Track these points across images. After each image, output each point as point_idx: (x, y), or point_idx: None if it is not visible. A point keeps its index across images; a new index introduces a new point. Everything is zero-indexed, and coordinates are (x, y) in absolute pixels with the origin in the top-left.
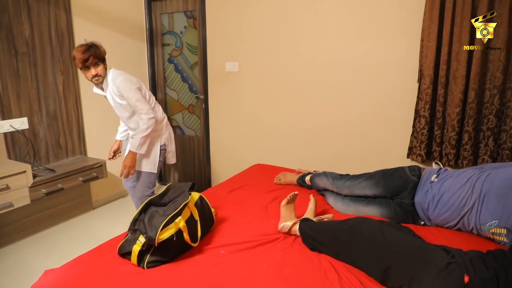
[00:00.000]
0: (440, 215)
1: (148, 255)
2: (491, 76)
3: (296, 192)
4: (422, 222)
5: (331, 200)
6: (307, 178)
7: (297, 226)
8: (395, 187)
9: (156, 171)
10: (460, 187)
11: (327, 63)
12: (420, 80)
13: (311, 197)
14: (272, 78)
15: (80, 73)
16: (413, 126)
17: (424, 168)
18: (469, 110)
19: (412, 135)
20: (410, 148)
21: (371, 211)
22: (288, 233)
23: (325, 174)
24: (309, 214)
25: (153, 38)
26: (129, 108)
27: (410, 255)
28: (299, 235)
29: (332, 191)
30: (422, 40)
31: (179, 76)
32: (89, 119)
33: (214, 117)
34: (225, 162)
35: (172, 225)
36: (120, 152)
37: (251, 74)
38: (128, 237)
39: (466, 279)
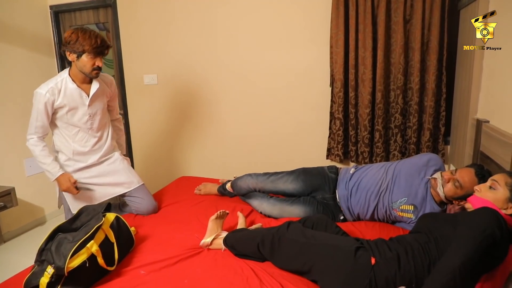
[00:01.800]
0: (361, 199)
1: (59, 286)
2: (394, 78)
3: (227, 211)
4: (342, 217)
5: (256, 202)
6: (228, 185)
7: (220, 240)
8: (313, 181)
9: None
10: (376, 172)
11: (246, 72)
12: (332, 84)
13: (239, 213)
14: (192, 89)
15: None
16: (330, 128)
17: (340, 168)
18: (377, 110)
19: (329, 136)
20: (328, 149)
21: (295, 210)
22: (212, 247)
23: (248, 174)
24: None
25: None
26: (107, 113)
27: (324, 244)
28: (223, 248)
29: (256, 195)
30: (331, 47)
31: None
32: None
33: (135, 131)
34: (151, 177)
35: (83, 250)
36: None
37: (170, 85)
38: (35, 270)
39: (373, 261)
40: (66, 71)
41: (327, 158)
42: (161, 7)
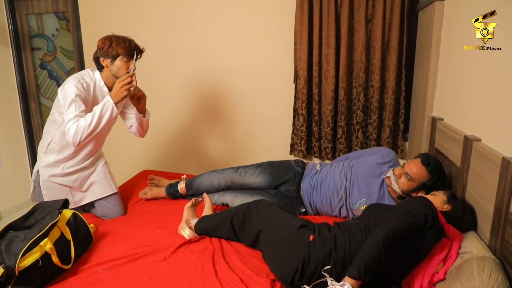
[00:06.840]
0: (323, 199)
1: (9, 287)
2: (356, 76)
3: (200, 199)
4: (303, 210)
5: (216, 195)
6: (181, 186)
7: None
8: (280, 174)
9: None
10: (337, 174)
11: (210, 67)
12: (296, 80)
13: (205, 195)
14: (155, 81)
15: None
16: (293, 124)
17: (308, 163)
18: (340, 107)
19: (292, 132)
20: (292, 145)
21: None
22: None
23: (209, 172)
24: (207, 212)
25: (19, 42)
26: None
27: (275, 219)
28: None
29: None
30: (295, 43)
31: (54, 84)
32: None
33: None
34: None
35: (36, 249)
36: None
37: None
38: None
39: (311, 238)
40: (96, 72)
41: (290, 154)
42: None
